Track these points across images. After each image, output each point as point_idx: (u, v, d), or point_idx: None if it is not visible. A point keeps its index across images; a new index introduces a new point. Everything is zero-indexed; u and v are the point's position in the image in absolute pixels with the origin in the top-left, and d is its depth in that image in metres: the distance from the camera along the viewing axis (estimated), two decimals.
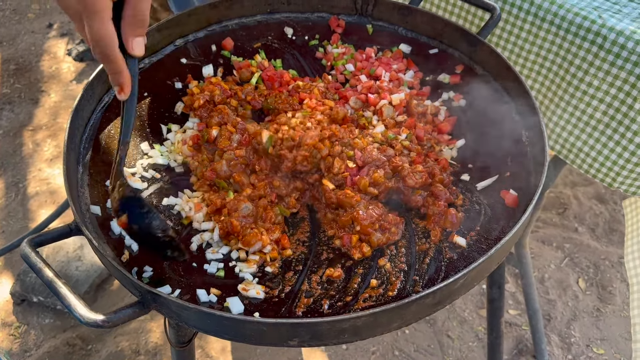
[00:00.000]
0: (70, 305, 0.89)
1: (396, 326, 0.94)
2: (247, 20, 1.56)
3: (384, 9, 1.51)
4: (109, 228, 1.11)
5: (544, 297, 2.53)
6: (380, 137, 1.25)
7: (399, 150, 1.22)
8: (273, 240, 1.12)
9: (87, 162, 1.22)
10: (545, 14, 1.40)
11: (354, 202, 1.13)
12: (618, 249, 2.72)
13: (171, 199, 1.20)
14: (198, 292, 1.02)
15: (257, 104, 1.36)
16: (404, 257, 1.09)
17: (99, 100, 1.33)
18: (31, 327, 2.40)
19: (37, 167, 3.04)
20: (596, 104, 1.40)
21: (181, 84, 1.43)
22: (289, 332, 0.90)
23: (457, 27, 1.42)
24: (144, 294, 0.93)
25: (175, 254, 1.07)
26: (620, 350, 2.36)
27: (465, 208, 1.17)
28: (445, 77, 1.42)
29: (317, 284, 1.06)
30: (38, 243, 0.99)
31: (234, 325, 0.90)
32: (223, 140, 1.23)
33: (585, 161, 1.46)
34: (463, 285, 0.96)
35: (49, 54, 3.71)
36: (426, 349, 2.34)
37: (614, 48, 1.33)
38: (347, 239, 1.11)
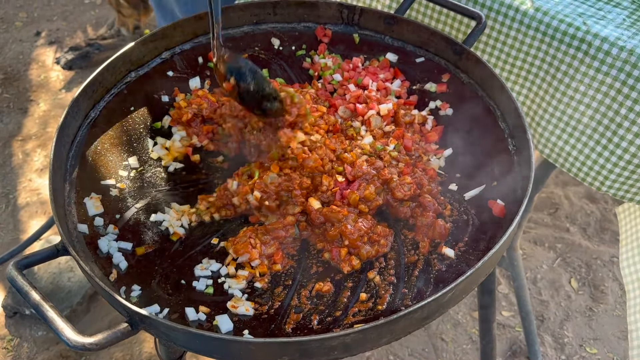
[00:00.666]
0: (58, 329, 0.88)
1: (385, 341, 0.94)
2: (233, 31, 1.55)
3: (370, 18, 1.51)
4: (97, 246, 1.11)
5: (537, 298, 2.54)
6: (368, 149, 1.25)
7: (387, 162, 1.22)
8: (265, 254, 1.12)
9: (73, 179, 1.22)
10: (531, 20, 1.41)
11: (341, 216, 1.12)
12: (609, 248, 2.73)
13: (159, 215, 1.20)
14: (187, 311, 1.02)
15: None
16: (393, 270, 1.09)
17: (85, 116, 1.32)
18: (24, 339, 2.39)
19: (27, 177, 3.03)
20: (583, 109, 1.41)
21: (168, 97, 1.42)
22: (277, 351, 0.89)
23: (443, 36, 1.42)
24: (132, 315, 0.93)
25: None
26: (613, 350, 2.37)
27: (454, 218, 1.17)
28: (432, 85, 1.42)
29: (307, 299, 1.06)
30: (25, 265, 0.99)
31: (222, 345, 0.90)
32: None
33: (574, 165, 1.46)
34: (451, 298, 0.96)
35: (37, 62, 3.69)
36: (420, 353, 2.35)
37: (599, 54, 1.34)
38: (335, 252, 1.11)
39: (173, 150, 1.32)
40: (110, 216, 1.17)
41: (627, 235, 1.48)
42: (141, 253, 1.12)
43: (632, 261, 1.38)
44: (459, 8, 1.43)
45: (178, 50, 1.50)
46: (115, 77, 1.39)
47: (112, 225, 1.15)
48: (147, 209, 1.21)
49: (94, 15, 4.04)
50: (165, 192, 1.25)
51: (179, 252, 1.14)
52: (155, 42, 1.45)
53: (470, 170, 1.25)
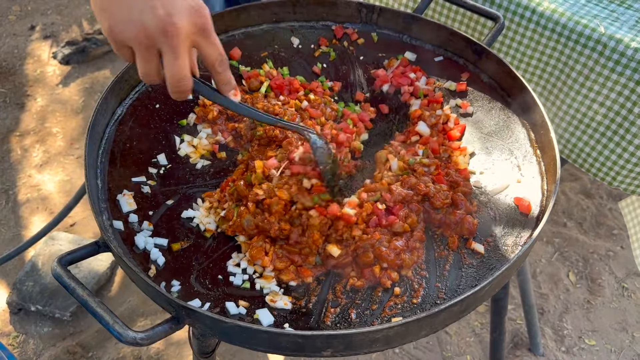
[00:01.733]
0: (109, 324, 0.90)
1: (424, 334, 0.98)
2: (253, 29, 1.57)
3: (388, 17, 1.54)
4: (133, 243, 1.12)
5: (537, 291, 2.60)
6: (398, 171, 1.25)
7: (421, 173, 1.23)
8: (275, 267, 1.12)
9: (105, 177, 1.23)
10: (547, 22, 1.45)
11: (374, 241, 1.11)
12: (605, 242, 2.80)
13: (189, 211, 1.21)
14: (227, 305, 1.04)
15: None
16: (424, 264, 1.13)
17: (112, 114, 1.33)
18: (30, 336, 2.38)
19: (27, 173, 3.00)
20: (597, 108, 1.45)
21: (192, 95, 1.43)
22: (323, 343, 0.92)
23: (462, 36, 1.45)
24: (179, 310, 0.95)
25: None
26: (610, 341, 2.44)
27: (480, 215, 1.20)
28: (452, 84, 1.45)
29: (342, 293, 1.09)
30: (68, 262, 1.00)
31: (269, 337, 0.93)
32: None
33: (587, 161, 1.51)
34: (487, 291, 1.00)
35: (33, 57, 3.66)
36: (425, 346, 2.39)
37: (614, 55, 1.38)
38: (369, 273, 1.10)
39: (200, 147, 1.34)
40: (144, 212, 1.19)
41: (636, 230, 1.53)
42: (177, 249, 1.13)
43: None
44: (478, 9, 1.47)
45: None
46: None
47: (146, 222, 1.16)
48: (178, 205, 1.22)
49: (89, 9, 4.01)
50: (194, 189, 1.26)
51: (214, 248, 1.16)
52: None
53: (493, 168, 1.28)
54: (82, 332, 2.39)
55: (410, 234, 1.15)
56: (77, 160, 3.07)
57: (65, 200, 2.86)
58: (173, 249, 1.13)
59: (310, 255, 1.14)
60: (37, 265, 2.48)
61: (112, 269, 2.57)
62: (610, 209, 2.94)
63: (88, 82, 3.50)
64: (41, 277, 2.45)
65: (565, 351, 2.40)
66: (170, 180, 1.27)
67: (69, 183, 2.96)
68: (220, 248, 1.16)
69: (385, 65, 1.52)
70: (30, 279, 2.44)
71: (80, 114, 3.31)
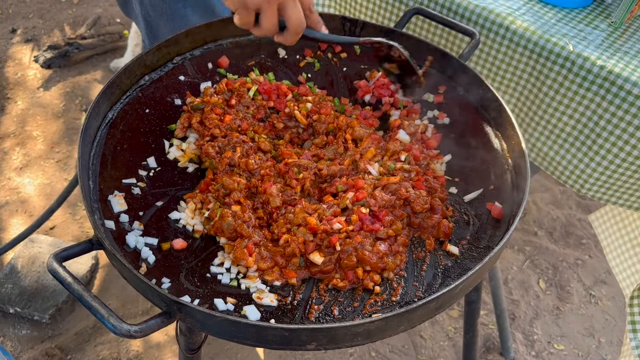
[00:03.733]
0: (104, 317, 0.94)
1: (403, 328, 1.04)
2: (241, 39, 1.63)
3: (370, 31, 1.61)
4: (124, 242, 1.17)
5: (508, 298, 2.69)
6: (378, 176, 1.32)
7: (401, 177, 1.29)
8: (258, 268, 1.16)
9: (96, 178, 1.27)
10: (520, 39, 1.53)
11: (357, 244, 1.16)
12: (574, 251, 2.91)
13: (175, 213, 1.26)
14: (215, 302, 1.09)
15: (260, 114, 1.44)
16: (403, 265, 1.19)
17: (103, 118, 1.37)
18: (7, 338, 2.38)
19: (7, 176, 3.00)
20: (566, 120, 1.54)
21: (180, 101, 1.48)
22: (308, 337, 0.98)
23: (440, 51, 1.53)
24: (170, 305, 0.99)
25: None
26: (578, 346, 2.54)
27: (455, 219, 1.28)
28: (430, 96, 1.53)
29: (325, 292, 1.14)
30: (63, 258, 1.04)
31: (257, 332, 0.98)
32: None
33: (557, 169, 1.60)
34: (461, 290, 1.07)
35: (14, 60, 3.65)
36: (401, 350, 2.46)
37: (581, 72, 1.47)
38: (352, 275, 1.15)
39: (188, 151, 1.39)
40: (135, 213, 1.23)
41: (609, 241, 1.61)
42: (167, 248, 1.18)
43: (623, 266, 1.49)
44: (455, 25, 1.55)
45: (188, 56, 1.56)
46: (130, 80, 1.44)
47: (137, 222, 1.21)
48: (167, 206, 1.27)
49: (71, 14, 4.02)
50: (183, 191, 1.31)
51: (202, 247, 1.20)
52: (168, 48, 1.51)
53: (468, 175, 1.36)
54: (61, 334, 2.40)
55: (395, 238, 1.21)
56: (57, 164, 3.08)
57: (45, 203, 2.87)
58: (163, 248, 1.18)
59: (294, 257, 1.19)
60: (16, 267, 2.49)
61: (92, 272, 2.58)
62: (579, 219, 3.06)
63: (69, 86, 3.51)
64: (20, 280, 2.45)
65: (535, 355, 2.49)
66: (159, 182, 1.31)
67: (49, 186, 2.96)
68: (209, 247, 1.21)
69: (367, 77, 1.59)
70: (9, 281, 2.44)
71: (61, 118, 3.32)
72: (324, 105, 1.44)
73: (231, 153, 1.31)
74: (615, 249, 1.57)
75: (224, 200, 1.25)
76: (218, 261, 1.18)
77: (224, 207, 1.23)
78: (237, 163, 1.30)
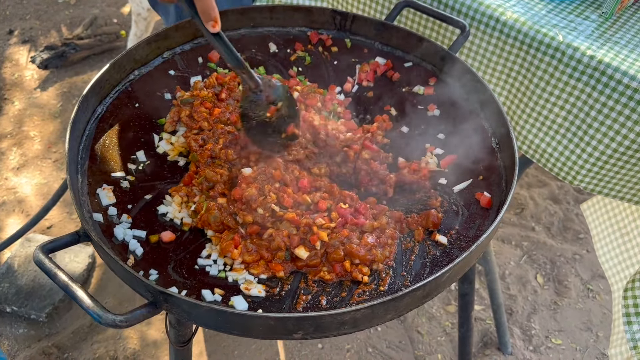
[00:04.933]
0: (89, 308, 0.94)
1: (390, 317, 1.04)
2: (231, 33, 1.63)
3: (361, 24, 1.61)
4: (112, 234, 1.17)
5: (506, 293, 2.68)
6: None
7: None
8: (244, 260, 1.16)
9: (85, 172, 1.27)
10: (510, 30, 1.53)
11: (343, 238, 1.16)
12: (572, 246, 2.90)
13: (162, 207, 1.25)
14: (203, 293, 1.09)
15: None
16: (392, 256, 1.19)
17: (92, 112, 1.37)
18: (4, 337, 2.38)
19: (4, 176, 3.01)
20: (557, 111, 1.54)
21: (170, 95, 1.48)
22: (294, 325, 0.97)
23: (430, 43, 1.53)
24: (156, 295, 0.99)
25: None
26: (576, 340, 2.53)
27: (444, 209, 1.27)
28: (420, 88, 1.53)
29: (313, 282, 1.14)
30: (50, 249, 1.04)
31: (243, 321, 0.98)
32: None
33: (549, 161, 1.59)
34: (448, 278, 1.06)
35: (11, 61, 3.66)
36: (398, 345, 2.45)
37: (571, 62, 1.47)
38: (339, 268, 1.14)
39: (177, 145, 1.39)
40: (123, 206, 1.23)
41: (598, 231, 1.61)
42: (155, 240, 1.18)
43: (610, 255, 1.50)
44: (445, 17, 1.55)
45: (178, 50, 1.57)
46: (120, 75, 1.45)
47: (125, 215, 1.21)
48: (156, 200, 1.27)
49: (68, 15, 4.03)
50: (172, 185, 1.31)
51: (191, 240, 1.20)
52: (158, 42, 1.51)
53: (457, 166, 1.36)
54: (58, 333, 2.40)
55: (382, 231, 1.21)
56: (54, 164, 3.08)
57: (42, 203, 2.87)
58: (151, 241, 1.18)
59: (280, 251, 1.18)
60: (13, 266, 2.49)
61: (89, 270, 2.58)
62: (577, 214, 3.05)
63: (66, 87, 3.51)
64: (17, 279, 2.45)
65: (532, 350, 2.48)
66: (149, 176, 1.31)
67: (46, 186, 2.97)
68: (198, 240, 1.21)
69: (358, 70, 1.59)
70: (5, 280, 2.44)
71: (58, 118, 3.33)
72: (311, 97, 1.44)
73: (212, 145, 1.31)
74: (604, 238, 1.57)
75: (208, 194, 1.25)
76: (206, 253, 1.18)
77: (210, 200, 1.23)
78: (217, 155, 1.30)
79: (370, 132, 1.39)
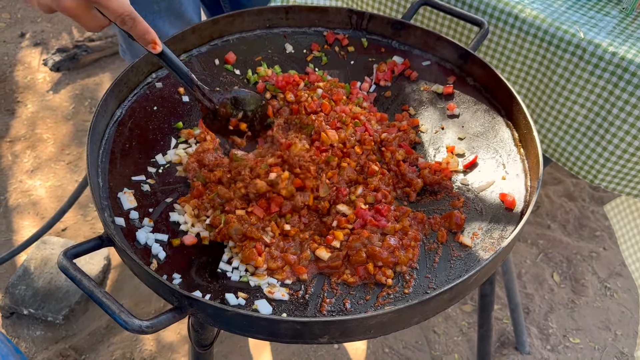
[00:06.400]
0: (115, 313, 0.93)
1: (416, 321, 1.02)
2: (247, 34, 1.62)
3: (377, 23, 1.60)
4: (135, 239, 1.16)
5: (522, 291, 2.67)
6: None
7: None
8: (268, 267, 1.15)
9: (105, 176, 1.27)
10: (530, 27, 1.51)
11: (365, 240, 1.16)
12: (588, 243, 2.88)
13: (174, 215, 1.24)
14: (227, 296, 1.08)
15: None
16: (415, 257, 1.18)
17: (111, 115, 1.37)
18: (22, 339, 2.39)
19: (18, 178, 3.02)
20: (578, 109, 1.52)
21: (188, 98, 1.48)
22: (321, 330, 0.97)
23: (449, 41, 1.51)
24: (181, 300, 0.99)
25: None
26: (594, 339, 2.51)
27: (467, 210, 1.26)
28: (439, 87, 1.51)
29: (337, 285, 1.13)
30: (73, 255, 1.03)
31: (269, 325, 0.97)
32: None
33: (570, 160, 1.58)
34: (475, 280, 1.05)
35: (23, 63, 3.68)
36: (414, 345, 2.44)
37: (593, 59, 1.45)
38: (362, 270, 1.13)
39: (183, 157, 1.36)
40: (144, 210, 1.23)
41: (624, 232, 1.58)
42: (177, 244, 1.17)
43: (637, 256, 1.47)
44: (463, 15, 1.53)
45: (195, 52, 1.56)
46: (138, 78, 1.44)
47: (147, 219, 1.20)
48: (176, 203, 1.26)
49: None
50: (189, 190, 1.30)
51: (213, 243, 1.20)
52: (174, 45, 1.51)
53: (480, 166, 1.34)
54: (75, 335, 2.41)
55: (404, 233, 1.20)
56: (67, 166, 3.09)
57: (56, 205, 2.88)
58: (173, 244, 1.17)
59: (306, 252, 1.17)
60: (29, 269, 2.50)
61: (104, 272, 2.59)
62: (593, 212, 3.02)
63: (78, 89, 3.52)
64: (33, 281, 2.46)
65: (550, 349, 2.46)
66: (169, 179, 1.31)
67: (60, 188, 2.98)
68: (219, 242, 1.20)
69: (375, 70, 1.58)
70: (22, 283, 2.45)
71: (70, 120, 3.34)
72: (336, 92, 1.43)
73: (222, 173, 1.28)
74: (629, 239, 1.55)
75: (222, 208, 1.23)
76: (226, 257, 1.17)
77: (225, 214, 1.22)
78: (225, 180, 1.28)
79: (403, 130, 1.38)
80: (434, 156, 1.38)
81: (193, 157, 1.32)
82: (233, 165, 1.28)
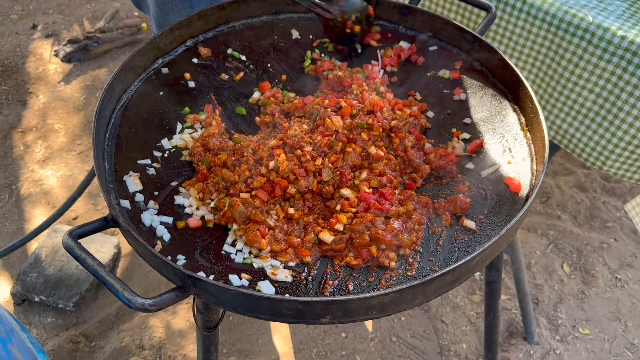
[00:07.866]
0: (119, 291, 0.94)
1: (418, 302, 1.02)
2: (254, 20, 1.62)
3: (385, 8, 1.59)
4: (140, 221, 1.17)
5: (532, 282, 2.65)
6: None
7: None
8: (272, 249, 1.16)
9: (111, 159, 1.27)
10: (538, 11, 1.50)
11: (368, 223, 1.16)
12: (599, 234, 2.85)
13: (179, 198, 1.25)
14: (230, 277, 1.09)
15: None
16: (419, 241, 1.17)
17: (117, 100, 1.38)
18: (33, 326, 2.43)
19: (30, 168, 3.05)
20: (586, 94, 1.50)
21: (194, 83, 1.48)
22: (322, 309, 0.97)
23: (456, 26, 1.50)
24: (184, 279, 0.99)
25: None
26: (604, 330, 2.49)
27: (472, 194, 1.25)
28: (445, 72, 1.50)
29: (340, 267, 1.13)
30: (78, 235, 1.04)
31: (271, 304, 0.97)
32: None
33: (578, 146, 1.56)
34: (478, 262, 1.05)
35: (35, 55, 3.71)
36: (422, 335, 2.44)
37: (602, 43, 1.43)
38: (365, 253, 1.13)
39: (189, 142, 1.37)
40: (150, 193, 1.23)
41: None
42: (182, 226, 1.18)
43: None
44: (471, 0, 1.52)
45: (201, 38, 1.56)
46: (144, 63, 1.45)
47: (152, 201, 1.21)
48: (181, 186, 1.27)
49: (90, 9, 4.06)
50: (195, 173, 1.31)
51: (217, 226, 1.20)
52: (181, 30, 1.51)
53: (486, 150, 1.33)
54: (85, 322, 2.44)
55: (408, 216, 1.20)
56: (78, 156, 3.12)
57: (67, 195, 2.91)
58: (178, 227, 1.18)
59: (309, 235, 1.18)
60: (40, 257, 2.53)
61: (115, 260, 2.61)
62: (604, 202, 3.00)
63: (89, 80, 3.55)
64: (45, 269, 2.49)
65: (559, 340, 2.45)
66: (174, 163, 1.32)
67: (71, 178, 3.00)
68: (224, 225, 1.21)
69: (382, 55, 1.57)
70: (34, 270, 2.48)
71: (81, 111, 3.36)
72: (355, 77, 1.44)
73: (226, 156, 1.28)
74: None
75: (226, 192, 1.24)
76: (230, 240, 1.18)
77: (230, 197, 1.22)
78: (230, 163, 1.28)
79: (414, 115, 1.37)
80: (439, 141, 1.37)
81: (198, 142, 1.33)
82: (236, 147, 1.28)
